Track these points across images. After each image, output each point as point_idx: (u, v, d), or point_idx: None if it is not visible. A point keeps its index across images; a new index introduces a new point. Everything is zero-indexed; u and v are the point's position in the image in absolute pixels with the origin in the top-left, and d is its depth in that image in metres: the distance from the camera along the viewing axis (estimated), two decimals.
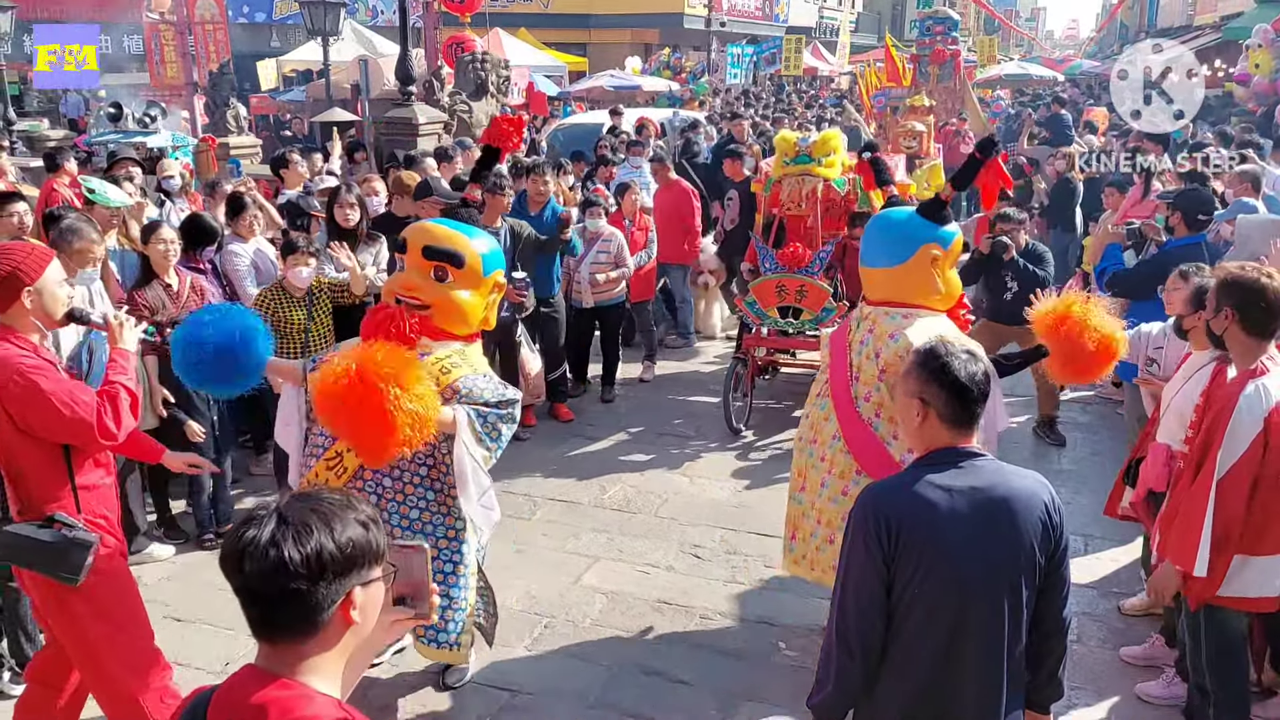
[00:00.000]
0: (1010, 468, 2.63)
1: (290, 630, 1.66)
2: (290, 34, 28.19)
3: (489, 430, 3.82)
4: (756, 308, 7.18)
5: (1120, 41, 41.29)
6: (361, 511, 1.71)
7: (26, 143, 13.58)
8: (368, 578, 1.71)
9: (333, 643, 1.69)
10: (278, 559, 1.60)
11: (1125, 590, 5.14)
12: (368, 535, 1.70)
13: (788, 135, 7.40)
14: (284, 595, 1.61)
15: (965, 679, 2.52)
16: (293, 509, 1.66)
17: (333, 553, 1.63)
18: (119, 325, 3.49)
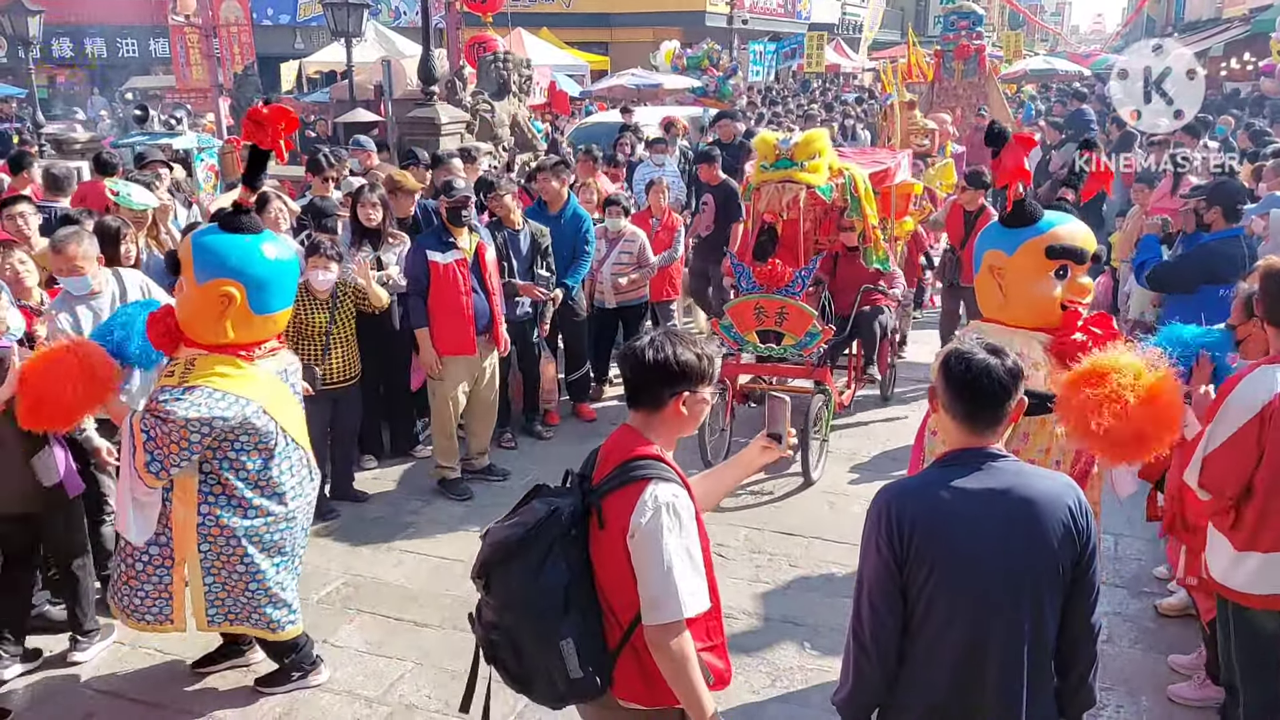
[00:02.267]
0: (1034, 469, 2.58)
1: (645, 405, 2.60)
2: (314, 35, 28.35)
3: (155, 438, 3.73)
4: (733, 331, 6.43)
5: (1147, 35, 40.85)
6: (701, 348, 2.59)
7: (55, 146, 13.70)
8: (695, 389, 2.58)
9: (669, 422, 2.61)
10: (640, 358, 2.55)
11: (1156, 590, 5.07)
12: (699, 363, 2.56)
13: (767, 136, 6.69)
14: (642, 381, 2.58)
15: (987, 683, 2.47)
16: (662, 335, 2.60)
17: (673, 364, 2.53)
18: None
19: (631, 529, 2.47)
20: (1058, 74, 26.79)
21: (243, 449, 3.89)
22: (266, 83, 20.08)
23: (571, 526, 2.53)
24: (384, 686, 4.38)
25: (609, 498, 2.53)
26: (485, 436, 6.60)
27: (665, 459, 2.57)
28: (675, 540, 2.46)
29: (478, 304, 6.09)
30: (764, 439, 2.85)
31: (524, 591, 2.52)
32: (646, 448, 2.57)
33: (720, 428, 6.54)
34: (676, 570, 2.45)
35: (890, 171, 7.56)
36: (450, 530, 5.89)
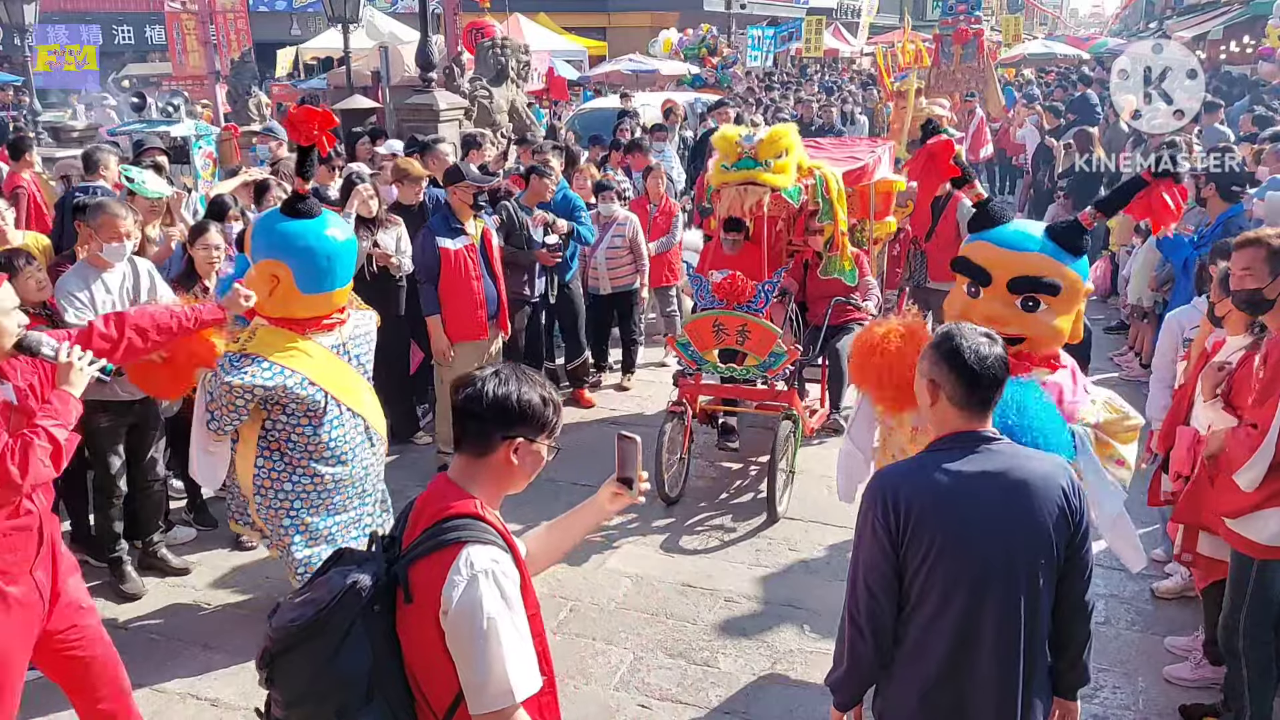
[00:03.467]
0: (1027, 451, 2.61)
1: (470, 447, 2.26)
2: (311, 22, 28.26)
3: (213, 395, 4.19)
4: (691, 350, 5.82)
5: (1145, 19, 40.68)
6: (548, 390, 2.32)
7: (52, 134, 13.67)
8: (533, 437, 2.28)
9: (495, 471, 2.27)
10: (479, 392, 2.23)
11: (1153, 573, 5.10)
12: (544, 408, 2.28)
13: (728, 133, 5.76)
14: (472, 419, 2.23)
15: (982, 663, 2.51)
16: (508, 368, 2.30)
17: (513, 405, 2.23)
18: (67, 365, 3.19)
19: (444, 603, 2.11)
20: (1056, 58, 26.76)
21: (293, 414, 4.23)
22: (263, 69, 20.03)
23: (374, 601, 2.16)
24: None
25: (417, 566, 2.16)
26: None
27: (486, 516, 2.22)
28: (498, 613, 2.10)
29: (487, 288, 6.13)
30: (614, 484, 2.55)
31: (317, 682, 2.14)
32: (464, 503, 2.21)
33: (679, 456, 5.98)
34: (502, 649, 2.10)
35: (868, 169, 6.79)
36: None
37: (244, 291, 4.05)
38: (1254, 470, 3.45)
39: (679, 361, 6.04)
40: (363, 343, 4.56)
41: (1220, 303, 4.16)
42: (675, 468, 5.93)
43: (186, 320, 3.85)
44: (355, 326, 4.51)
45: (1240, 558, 3.67)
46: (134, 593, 4.98)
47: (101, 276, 4.76)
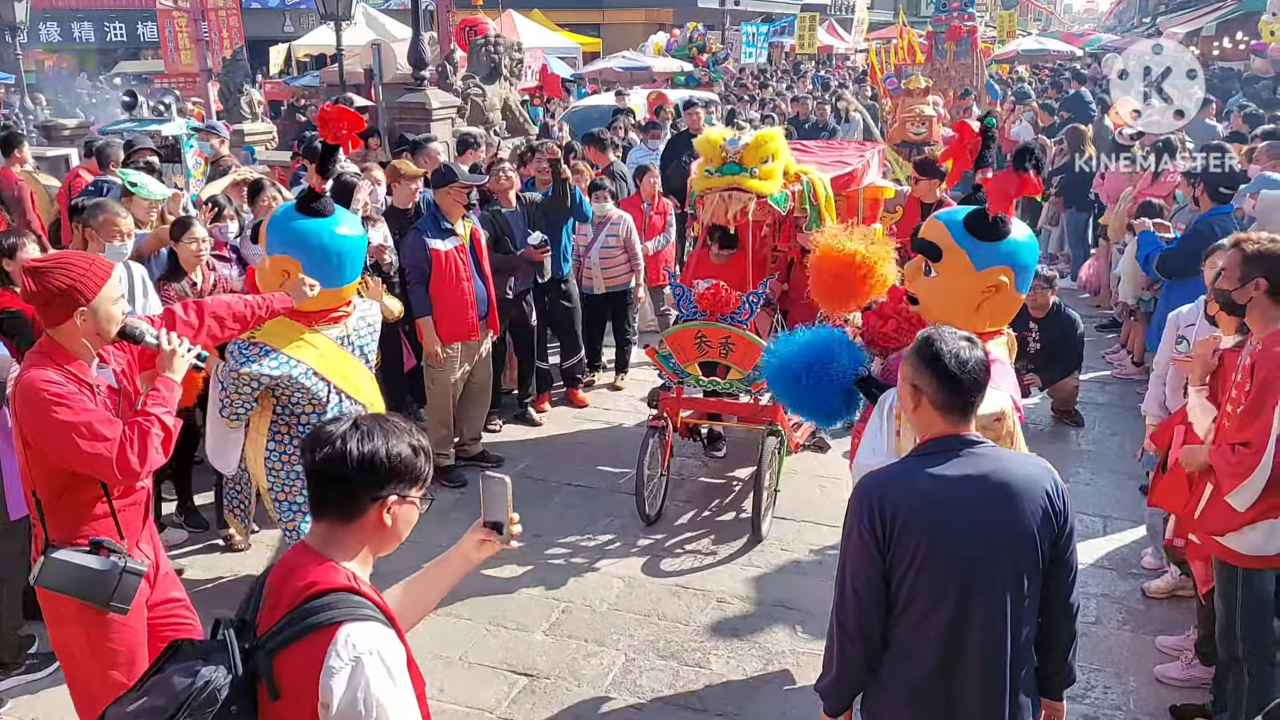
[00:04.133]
0: (1011, 454, 2.63)
1: (334, 513, 2.00)
2: (303, 19, 28.16)
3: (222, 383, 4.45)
4: (672, 362, 5.58)
5: (1139, 14, 40.74)
6: (417, 439, 2.06)
7: (43, 131, 13.62)
8: (405, 493, 2.03)
9: (365, 536, 2.02)
10: (340, 451, 1.95)
11: (1145, 572, 5.11)
12: (415, 459, 2.03)
13: (712, 136, 5.48)
14: (336, 482, 1.96)
15: (969, 665, 2.53)
16: (366, 420, 2.03)
17: (382, 460, 1.97)
18: (170, 352, 3.29)
19: (323, 694, 1.84)
20: (1050, 54, 26.77)
21: (298, 402, 4.44)
22: (255, 67, 19.97)
23: (232, 702, 1.86)
24: None
25: (284, 654, 1.88)
26: (479, 422, 6.63)
27: (361, 588, 1.95)
28: (388, 699, 1.85)
29: (477, 289, 6.12)
30: (481, 530, 2.30)
31: None
32: (332, 576, 1.94)
33: (660, 472, 5.75)
34: None
35: (856, 174, 6.66)
36: (443, 517, 5.89)
37: (309, 280, 4.20)
38: (1250, 490, 3.46)
39: (659, 374, 5.83)
40: (366, 333, 4.73)
41: (1210, 302, 4.20)
42: (656, 482, 5.72)
43: (260, 308, 3.96)
44: (360, 317, 4.69)
45: (1225, 567, 3.68)
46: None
47: None
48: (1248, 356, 3.62)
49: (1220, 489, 3.59)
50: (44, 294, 3.03)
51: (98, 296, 3.07)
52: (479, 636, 4.67)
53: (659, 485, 5.78)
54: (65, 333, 3.09)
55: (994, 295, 3.62)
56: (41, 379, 3.02)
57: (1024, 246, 3.70)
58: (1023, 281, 3.71)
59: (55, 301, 3.03)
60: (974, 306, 3.63)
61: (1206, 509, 3.71)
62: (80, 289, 3.03)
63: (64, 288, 3.02)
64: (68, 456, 3.03)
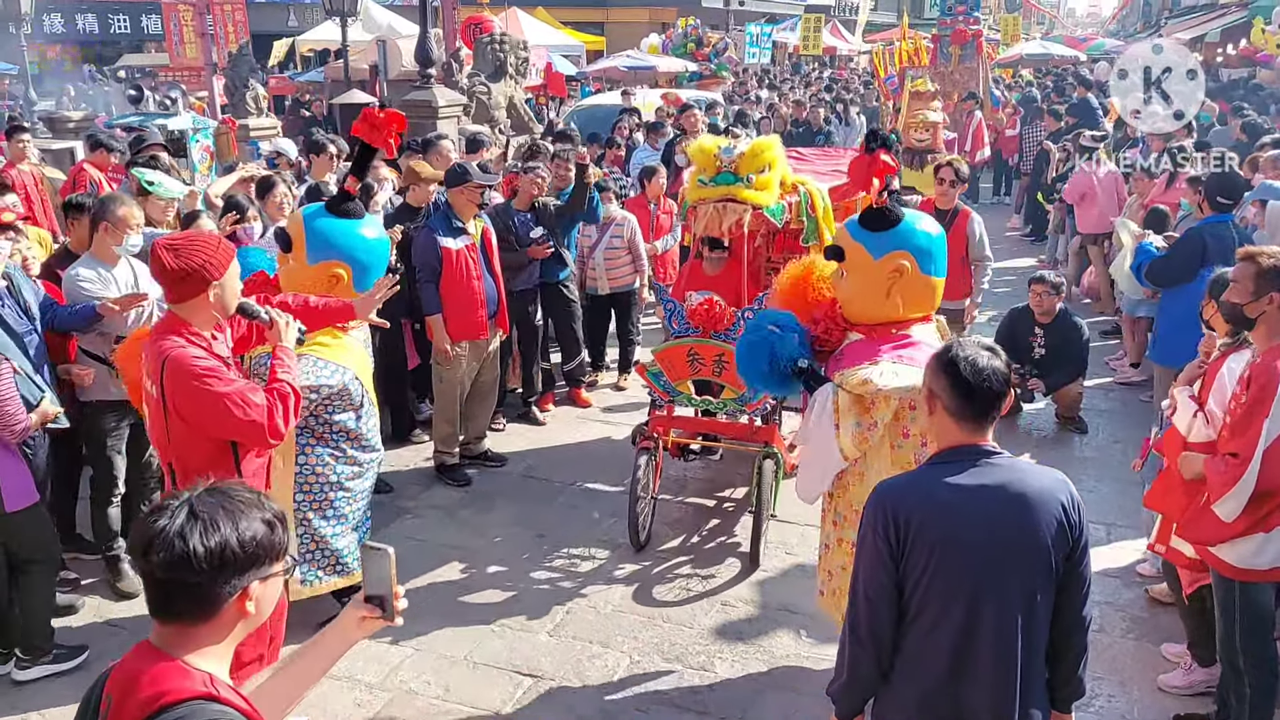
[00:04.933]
0: (1027, 465, 2.63)
1: (185, 616, 1.74)
2: (308, 13, 28.13)
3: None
4: (663, 380, 5.38)
5: (1143, 20, 40.72)
6: (268, 510, 1.79)
7: (47, 124, 13.61)
8: (267, 573, 1.79)
9: (224, 631, 1.79)
10: (183, 551, 1.68)
11: (1150, 579, 5.12)
12: (272, 535, 1.78)
13: (706, 145, 5.14)
14: (184, 585, 1.70)
15: (980, 674, 2.53)
16: (204, 502, 1.73)
17: (235, 550, 1.71)
18: (285, 325, 3.57)
19: None
20: (1053, 58, 26.75)
21: (337, 409, 4.37)
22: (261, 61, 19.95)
23: None
24: (384, 672, 4.42)
25: None
26: (484, 420, 6.64)
27: (219, 692, 1.72)
28: None
29: (487, 287, 6.13)
30: (362, 606, 2.03)
31: None
32: (185, 681, 1.70)
33: (650, 496, 5.56)
34: None
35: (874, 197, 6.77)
36: (448, 515, 5.92)
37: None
38: (1235, 501, 3.48)
39: (650, 392, 5.63)
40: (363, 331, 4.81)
41: (1206, 305, 4.28)
42: (646, 506, 5.51)
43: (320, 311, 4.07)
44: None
45: (1222, 580, 3.70)
46: (129, 591, 4.97)
47: (111, 271, 4.83)
48: (1247, 369, 3.64)
49: (1210, 498, 3.62)
50: (179, 271, 3.20)
51: (226, 274, 3.29)
52: (484, 637, 4.67)
53: (649, 508, 5.56)
54: (194, 308, 3.30)
55: (899, 279, 3.91)
56: (191, 356, 3.23)
57: (916, 231, 3.99)
58: (927, 264, 3.98)
59: (191, 278, 3.22)
60: (883, 294, 3.94)
61: (1197, 517, 3.73)
62: (213, 266, 3.24)
63: (199, 265, 3.21)
64: (226, 426, 3.28)
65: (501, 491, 6.22)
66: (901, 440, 3.90)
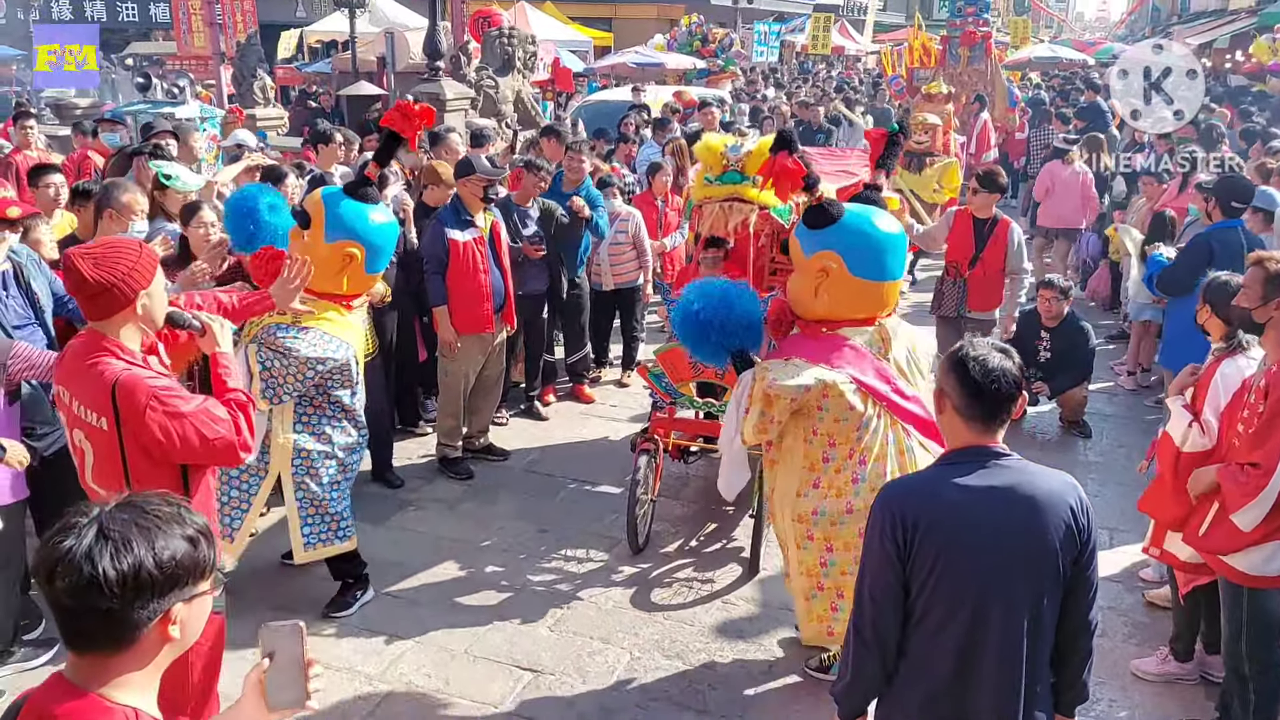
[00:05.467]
0: (1037, 468, 2.61)
1: (101, 645, 1.58)
2: (316, 4, 28.07)
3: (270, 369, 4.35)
4: (665, 382, 5.34)
5: (1152, 25, 40.66)
6: (190, 524, 1.62)
7: (54, 110, 13.63)
8: (192, 593, 1.63)
9: (146, 658, 1.63)
10: (91, 575, 1.51)
11: (1152, 584, 5.11)
12: (195, 552, 1.61)
13: (712, 143, 5.04)
14: (95, 612, 1.53)
15: (985, 677, 2.52)
16: (115, 520, 1.56)
17: (152, 572, 1.55)
18: (218, 328, 3.27)
19: None
20: (1061, 61, 26.69)
21: (336, 384, 4.48)
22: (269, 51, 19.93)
23: None
24: (384, 664, 4.41)
25: None
26: (488, 415, 6.64)
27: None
28: None
29: (494, 281, 6.12)
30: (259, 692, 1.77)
31: None
32: (102, 718, 1.58)
33: (650, 498, 5.50)
34: None
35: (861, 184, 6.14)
36: (450, 509, 5.92)
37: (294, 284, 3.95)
38: (1257, 510, 3.48)
39: (651, 394, 5.57)
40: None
41: (1200, 309, 4.29)
42: (646, 510, 5.46)
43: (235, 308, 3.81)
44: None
45: (1231, 586, 3.70)
46: None
47: None
48: (1262, 377, 3.63)
49: (1226, 508, 3.60)
50: (100, 283, 2.85)
51: (152, 283, 2.96)
52: (484, 631, 4.67)
53: (649, 511, 5.51)
54: (118, 323, 2.95)
55: (825, 280, 3.89)
56: (143, 377, 2.92)
57: (848, 229, 3.91)
58: (860, 266, 3.89)
59: (113, 291, 2.87)
60: (811, 292, 3.96)
61: (1212, 528, 3.72)
62: (137, 275, 2.90)
63: (121, 275, 2.87)
64: (197, 450, 2.99)
65: (504, 486, 6.22)
66: (812, 437, 3.96)
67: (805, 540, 4.03)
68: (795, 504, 4.02)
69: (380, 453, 6.17)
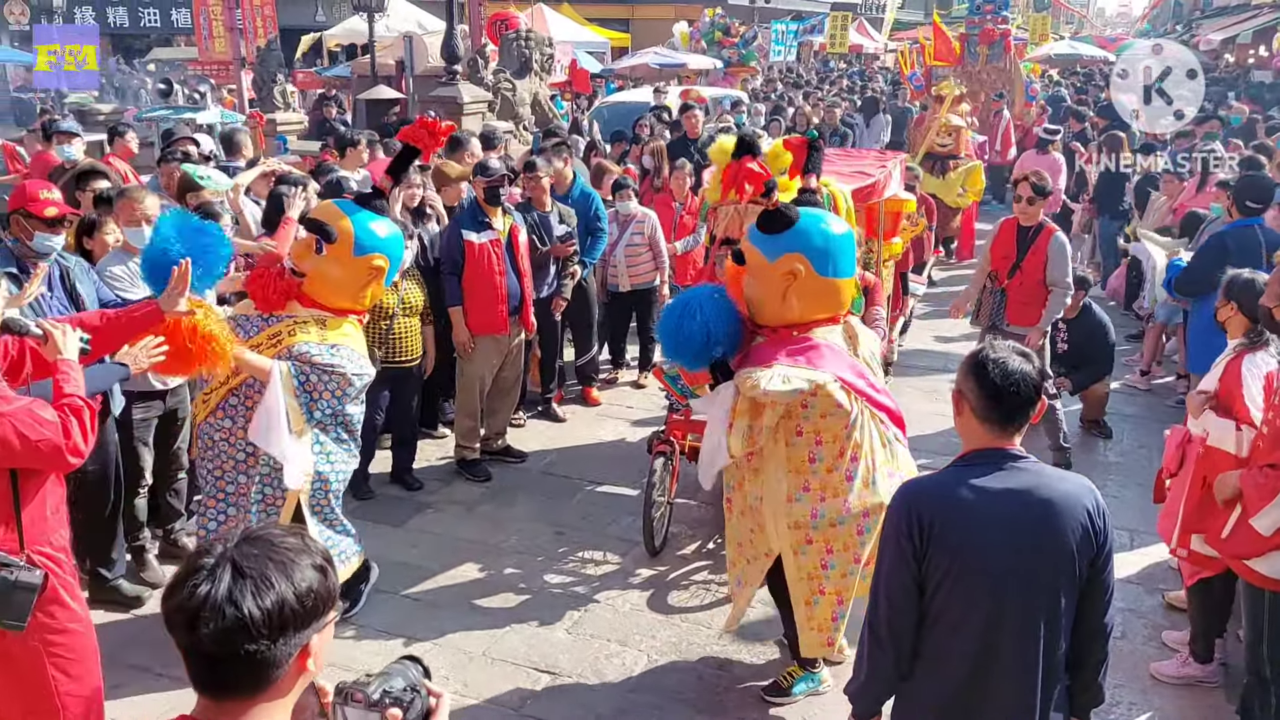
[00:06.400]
0: (1053, 470, 2.62)
1: (243, 689, 1.53)
2: (335, 8, 28.27)
3: (309, 388, 4.19)
4: (681, 384, 5.21)
5: (1174, 20, 40.29)
6: (317, 553, 1.59)
7: (78, 117, 13.75)
8: (325, 623, 1.59)
9: (284, 694, 1.58)
10: (237, 618, 1.45)
11: (1172, 586, 5.08)
12: (326, 581, 1.58)
13: (725, 145, 4.95)
14: (242, 655, 1.48)
15: (999, 679, 2.53)
16: (248, 557, 1.51)
17: (294, 607, 1.51)
18: (61, 334, 3.13)
19: None
20: (1082, 58, 26.51)
21: (354, 400, 4.39)
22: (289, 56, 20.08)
23: None
24: None
25: None
26: (505, 417, 6.67)
27: None
28: None
29: (510, 284, 6.15)
30: None
31: None
32: None
33: (667, 500, 5.48)
34: None
35: (878, 185, 6.28)
36: (468, 511, 5.95)
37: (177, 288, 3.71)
38: (1275, 514, 3.44)
39: (667, 396, 5.51)
40: None
41: (1222, 307, 4.29)
42: (663, 511, 5.45)
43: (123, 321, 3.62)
44: None
45: (1252, 590, 3.67)
46: (154, 581, 5.02)
47: (132, 263, 4.83)
48: None
49: (1247, 512, 3.57)
50: None
51: None
52: (502, 633, 4.69)
53: (665, 514, 5.50)
54: None
55: (793, 282, 3.86)
56: None
57: (813, 231, 3.91)
58: (824, 265, 3.90)
59: None
60: (779, 297, 3.91)
61: (1234, 532, 3.69)
62: None
63: None
64: (14, 449, 2.90)
65: (521, 488, 6.25)
66: (795, 439, 3.92)
67: (803, 545, 3.96)
68: (789, 511, 3.94)
69: (401, 455, 6.22)
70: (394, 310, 5.81)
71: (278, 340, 4.20)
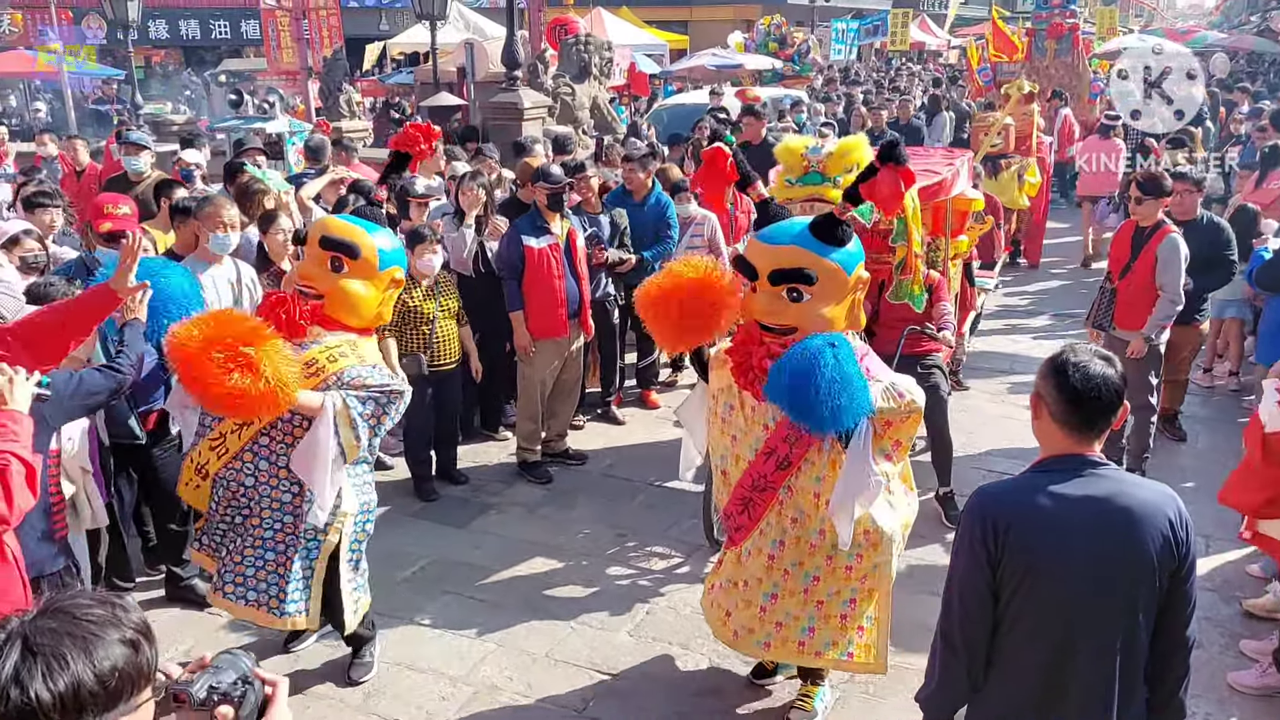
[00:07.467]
0: (1134, 478, 2.55)
1: None
2: (399, 17, 28.75)
3: (368, 417, 3.91)
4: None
5: (1248, 10, 39.09)
6: (127, 625, 1.42)
7: (152, 127, 14.17)
8: (135, 704, 1.43)
9: None
10: (22, 702, 1.31)
11: (1249, 594, 4.94)
12: (136, 657, 1.42)
13: (792, 144, 5.13)
14: None
15: (1075, 691, 2.47)
16: (42, 632, 1.35)
17: (92, 689, 1.35)
18: (8, 383, 2.86)
19: None
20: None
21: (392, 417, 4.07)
22: (354, 65, 20.47)
23: None
24: (468, 666, 4.49)
25: None
26: (566, 419, 6.72)
27: None
28: None
29: (569, 287, 6.21)
30: None
31: None
32: None
33: None
34: None
35: (945, 184, 6.16)
36: (530, 512, 5.99)
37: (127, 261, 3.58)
38: None
39: None
40: None
41: None
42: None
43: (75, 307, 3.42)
44: None
45: None
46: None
47: (210, 272, 4.99)
48: None
49: None
50: None
51: None
52: (564, 635, 4.72)
53: None
54: None
55: (862, 291, 3.74)
56: None
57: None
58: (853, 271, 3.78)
59: None
60: (846, 311, 3.70)
61: None
62: None
63: None
64: None
65: (582, 490, 6.28)
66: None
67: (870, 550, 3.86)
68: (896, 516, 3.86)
69: (446, 454, 6.33)
70: (434, 315, 5.88)
71: (317, 370, 3.85)
